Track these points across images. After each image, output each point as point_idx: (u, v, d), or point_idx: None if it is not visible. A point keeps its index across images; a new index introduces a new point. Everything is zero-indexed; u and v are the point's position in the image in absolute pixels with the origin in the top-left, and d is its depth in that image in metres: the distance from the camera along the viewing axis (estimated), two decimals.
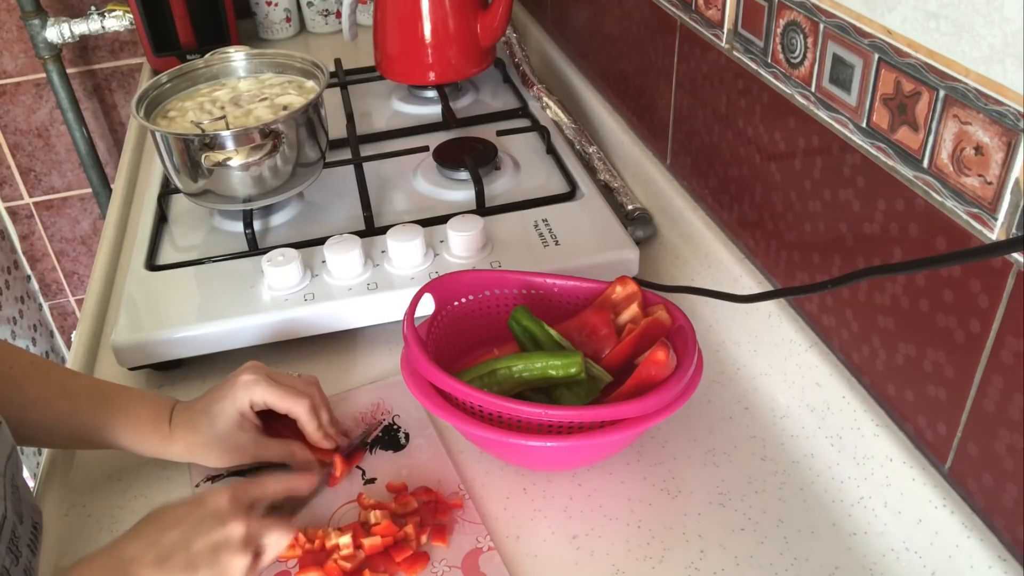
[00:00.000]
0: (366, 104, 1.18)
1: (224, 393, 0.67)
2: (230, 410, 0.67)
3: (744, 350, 0.78)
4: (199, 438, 0.67)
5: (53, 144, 1.65)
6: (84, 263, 1.79)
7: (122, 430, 0.67)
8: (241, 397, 0.67)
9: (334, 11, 1.49)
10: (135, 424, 0.67)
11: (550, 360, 0.66)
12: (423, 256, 0.83)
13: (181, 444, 0.67)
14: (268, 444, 0.68)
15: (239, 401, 0.67)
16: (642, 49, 0.95)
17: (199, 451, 0.67)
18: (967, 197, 0.51)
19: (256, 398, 0.67)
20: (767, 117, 0.71)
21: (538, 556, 0.63)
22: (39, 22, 1.43)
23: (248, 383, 0.67)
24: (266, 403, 0.67)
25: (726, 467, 0.69)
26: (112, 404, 0.67)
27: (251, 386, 0.67)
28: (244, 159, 0.83)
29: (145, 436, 0.67)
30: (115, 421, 0.67)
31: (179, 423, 0.67)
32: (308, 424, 0.68)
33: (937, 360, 0.56)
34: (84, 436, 0.67)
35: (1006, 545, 0.54)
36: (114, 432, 0.67)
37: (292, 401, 0.68)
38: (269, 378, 0.68)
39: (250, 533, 0.56)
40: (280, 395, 0.67)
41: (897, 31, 0.54)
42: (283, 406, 0.68)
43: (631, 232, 0.90)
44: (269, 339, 0.80)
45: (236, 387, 0.67)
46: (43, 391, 0.66)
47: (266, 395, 0.67)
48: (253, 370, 0.68)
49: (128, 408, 0.67)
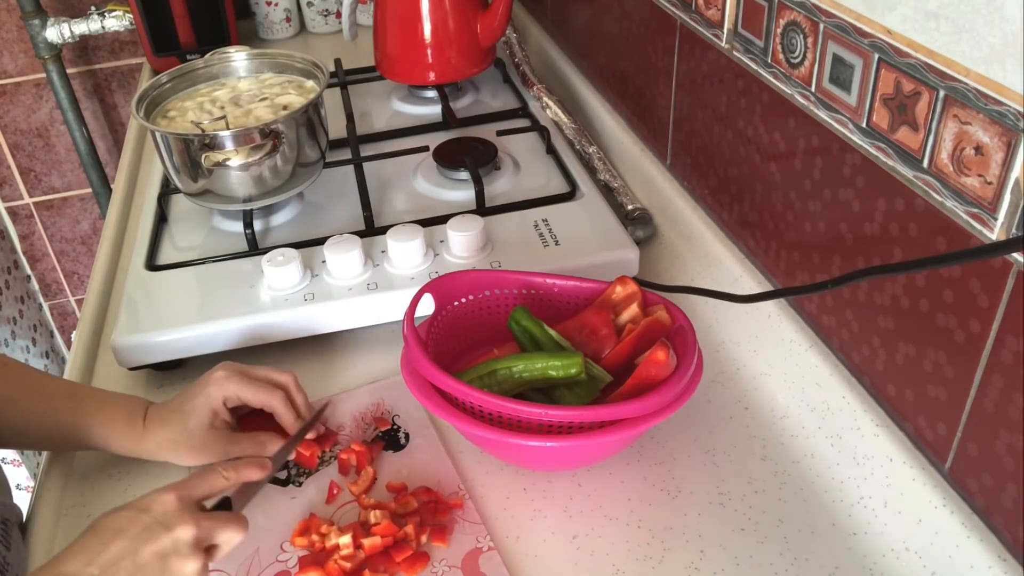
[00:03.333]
0: (366, 104, 1.18)
1: (197, 391, 0.68)
2: (202, 407, 0.67)
3: (744, 350, 0.78)
4: (171, 435, 0.67)
5: (53, 144, 1.65)
6: (84, 263, 1.79)
7: (96, 428, 0.67)
8: (214, 394, 0.67)
9: (334, 11, 1.49)
10: (108, 423, 0.67)
11: (550, 360, 0.66)
12: (423, 256, 0.83)
13: (153, 441, 0.67)
14: (238, 439, 0.68)
15: (212, 398, 0.67)
16: (642, 49, 0.95)
17: (170, 447, 0.67)
18: (967, 197, 0.51)
19: (229, 393, 0.67)
20: (767, 117, 0.71)
21: (538, 556, 0.63)
22: (39, 22, 1.43)
23: (221, 379, 0.67)
24: (240, 398, 0.68)
25: (726, 467, 0.69)
26: (86, 404, 0.67)
27: (223, 382, 0.67)
28: (244, 159, 0.83)
29: (119, 434, 0.67)
30: (88, 420, 0.67)
31: (152, 420, 0.68)
32: (285, 416, 0.69)
33: (937, 360, 0.56)
34: (58, 436, 0.67)
35: (1006, 545, 0.54)
36: (88, 431, 0.67)
37: (266, 394, 0.68)
38: (242, 374, 0.68)
39: (199, 535, 0.54)
40: (253, 389, 0.68)
41: (897, 31, 0.54)
42: (257, 400, 0.68)
43: (631, 232, 0.90)
44: (269, 339, 0.80)
45: (209, 384, 0.68)
46: (15, 391, 0.66)
47: (239, 390, 0.67)
48: (226, 367, 0.69)
49: (101, 407, 0.68)
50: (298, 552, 0.63)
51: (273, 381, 0.69)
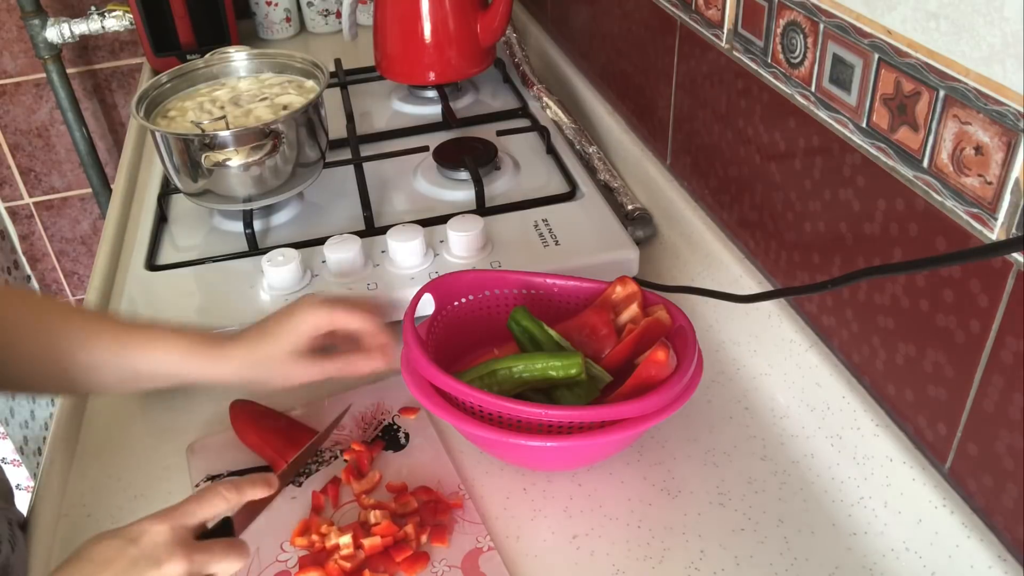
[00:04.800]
0: (366, 104, 1.18)
1: (287, 314, 0.67)
2: (291, 331, 0.66)
3: (744, 350, 0.78)
4: (259, 354, 0.66)
5: (53, 144, 1.65)
6: (84, 263, 1.79)
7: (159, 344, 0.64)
8: (308, 319, 0.66)
9: (334, 11, 1.49)
10: (175, 342, 0.65)
11: (550, 361, 0.66)
12: (423, 256, 0.83)
13: (236, 361, 0.65)
14: (326, 367, 0.67)
15: (305, 322, 0.66)
16: (642, 49, 0.95)
17: (259, 368, 0.66)
18: (967, 197, 0.51)
19: (321, 320, 0.66)
20: (767, 117, 0.71)
21: (538, 556, 0.63)
22: (39, 22, 1.43)
23: (312, 305, 0.67)
24: (331, 323, 0.67)
25: (726, 467, 0.69)
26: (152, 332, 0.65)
27: (316, 308, 0.66)
28: (244, 159, 0.83)
29: (190, 354, 0.65)
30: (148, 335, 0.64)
31: (236, 342, 0.66)
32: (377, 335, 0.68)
33: (937, 360, 0.56)
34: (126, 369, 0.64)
35: (1006, 545, 0.54)
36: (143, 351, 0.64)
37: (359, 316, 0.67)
38: (331, 300, 0.68)
39: (191, 569, 0.50)
40: (345, 311, 0.67)
41: (897, 31, 0.54)
42: (352, 322, 0.67)
43: (631, 232, 0.90)
44: None
45: (298, 311, 0.67)
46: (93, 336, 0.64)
47: (332, 313, 0.66)
48: (312, 296, 0.68)
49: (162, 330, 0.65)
50: (298, 552, 0.63)
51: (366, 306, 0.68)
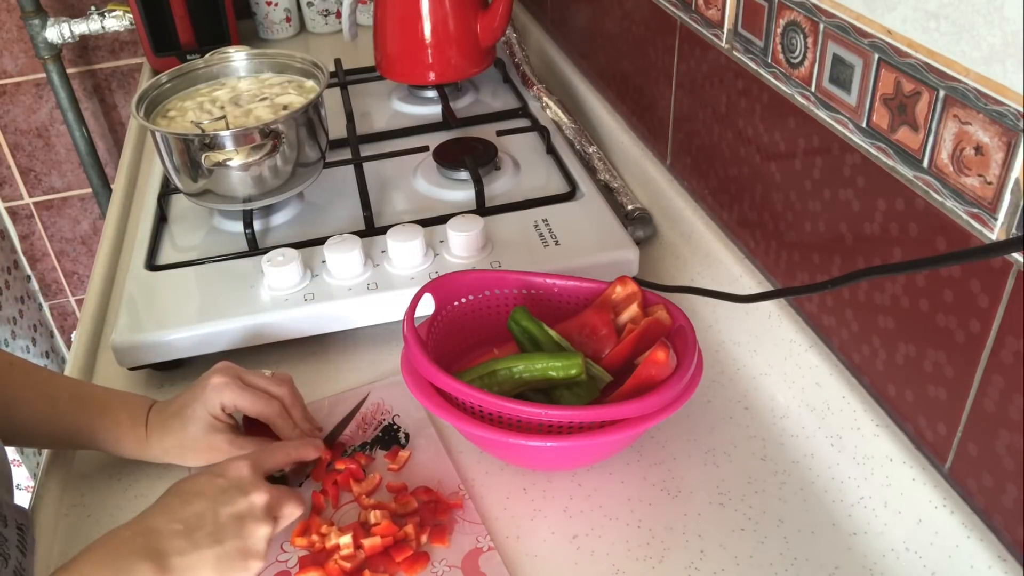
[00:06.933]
0: (366, 104, 1.18)
1: (195, 396, 0.67)
2: (201, 413, 0.67)
3: (744, 350, 0.78)
4: (173, 441, 0.67)
5: (53, 144, 1.65)
6: (84, 263, 1.79)
7: (101, 432, 0.68)
8: (212, 400, 0.67)
9: (334, 11, 1.49)
10: (113, 427, 0.68)
11: (551, 361, 0.66)
12: (423, 256, 0.83)
13: (157, 447, 0.68)
14: (243, 444, 0.68)
15: (210, 404, 0.67)
16: (642, 49, 0.95)
17: (174, 453, 0.68)
18: (967, 197, 0.51)
19: (226, 401, 0.67)
20: (767, 117, 0.71)
21: (538, 556, 0.63)
22: (39, 22, 1.43)
23: (218, 386, 0.67)
24: (236, 407, 0.67)
25: (726, 467, 0.69)
26: (91, 406, 0.68)
27: (221, 389, 0.67)
28: (244, 159, 0.83)
29: (124, 439, 0.68)
30: (94, 423, 0.67)
31: (154, 427, 0.68)
32: (283, 427, 0.69)
33: (937, 360, 0.56)
34: (64, 438, 0.68)
35: (1006, 545, 0.54)
36: (92, 435, 0.68)
37: (262, 404, 0.68)
38: (239, 380, 0.68)
39: (271, 502, 0.58)
40: (250, 399, 0.67)
41: (897, 31, 0.54)
42: (253, 410, 0.68)
43: (631, 232, 0.90)
44: (269, 339, 0.80)
45: (207, 390, 0.67)
46: (24, 392, 0.66)
47: (236, 399, 0.67)
48: (223, 372, 0.68)
49: (106, 411, 0.68)
50: (298, 552, 0.63)
51: (269, 392, 0.69)
